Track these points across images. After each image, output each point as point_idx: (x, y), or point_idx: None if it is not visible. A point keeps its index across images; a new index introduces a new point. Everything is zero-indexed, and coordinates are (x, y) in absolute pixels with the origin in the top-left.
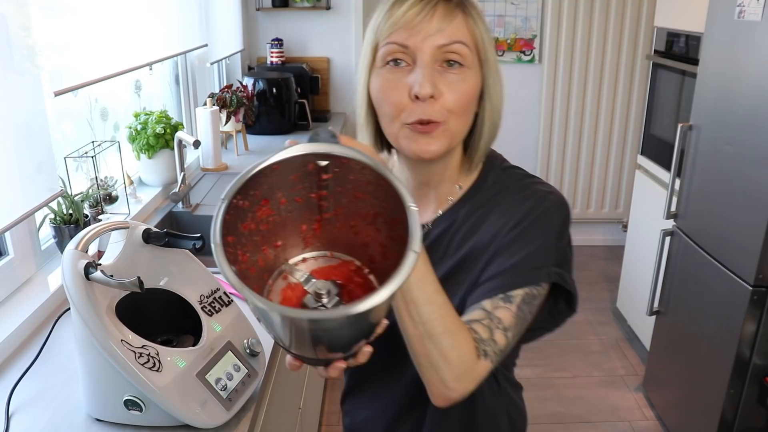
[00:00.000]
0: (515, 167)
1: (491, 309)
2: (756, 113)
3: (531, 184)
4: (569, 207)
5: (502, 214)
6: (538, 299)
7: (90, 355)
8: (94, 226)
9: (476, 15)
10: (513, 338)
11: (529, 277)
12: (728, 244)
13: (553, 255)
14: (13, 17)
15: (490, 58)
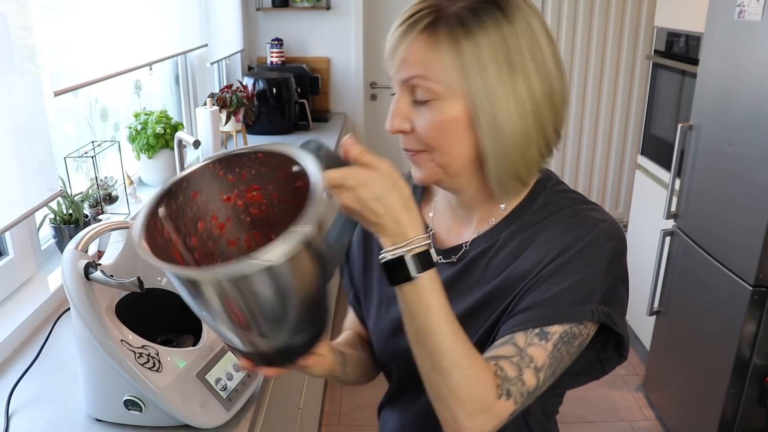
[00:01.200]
0: (570, 191)
1: (524, 345)
2: (756, 113)
3: (584, 210)
4: (624, 238)
5: (548, 239)
6: (580, 339)
7: (90, 355)
8: (94, 226)
9: (447, 40)
10: (546, 380)
11: (570, 313)
12: (728, 244)
13: (598, 290)
14: (14, 17)
15: (473, 85)
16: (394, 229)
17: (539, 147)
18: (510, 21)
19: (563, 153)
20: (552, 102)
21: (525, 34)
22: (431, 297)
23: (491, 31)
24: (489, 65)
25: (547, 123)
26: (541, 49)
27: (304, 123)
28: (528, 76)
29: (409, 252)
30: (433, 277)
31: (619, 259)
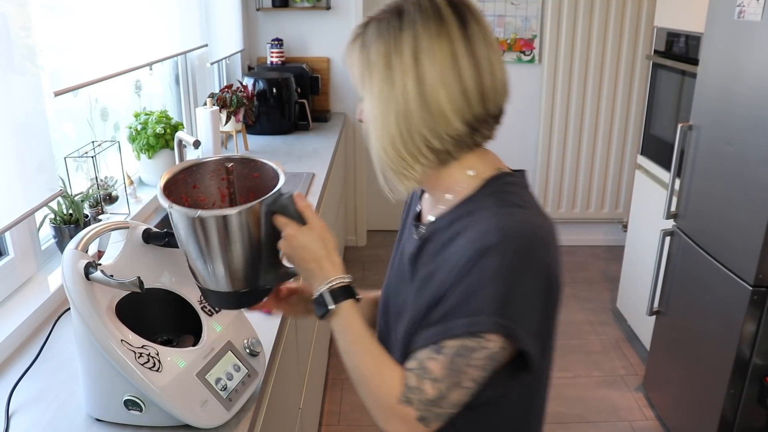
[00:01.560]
0: (513, 191)
1: (424, 358)
2: (756, 113)
3: (499, 215)
4: (539, 247)
5: (461, 245)
6: (483, 351)
7: (90, 355)
8: (94, 226)
9: (357, 48)
10: (450, 390)
11: (460, 326)
12: (728, 244)
13: (492, 302)
14: (14, 17)
15: (365, 88)
16: (317, 272)
17: (413, 148)
18: (399, 30)
19: (563, 153)
20: (428, 106)
21: (408, 45)
22: (347, 323)
23: (379, 43)
24: (372, 73)
25: (421, 126)
26: (426, 55)
27: (304, 123)
28: (402, 82)
29: (328, 289)
30: (349, 306)
31: (524, 270)
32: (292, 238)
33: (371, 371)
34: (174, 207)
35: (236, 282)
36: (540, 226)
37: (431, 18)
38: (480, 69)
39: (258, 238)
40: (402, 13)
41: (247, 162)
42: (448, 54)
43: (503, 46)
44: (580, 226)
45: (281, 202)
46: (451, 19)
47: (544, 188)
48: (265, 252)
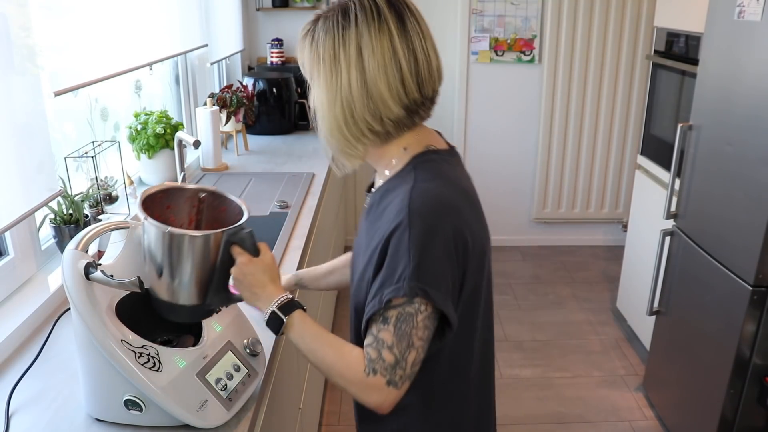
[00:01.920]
0: (432, 163)
1: (376, 333)
2: (756, 113)
3: (411, 190)
4: (434, 218)
5: (388, 216)
6: (421, 315)
7: (90, 355)
8: (94, 226)
9: (307, 43)
10: (405, 352)
11: (388, 294)
12: (728, 244)
13: (408, 269)
14: (14, 17)
15: (313, 79)
16: (263, 295)
17: (356, 130)
18: (344, 27)
19: (563, 153)
20: (370, 93)
21: (353, 41)
22: (301, 328)
23: (327, 39)
24: (320, 64)
25: (364, 111)
26: (368, 49)
27: (304, 123)
28: (347, 73)
29: (277, 306)
30: (299, 314)
31: (430, 239)
32: (245, 265)
33: (333, 359)
34: (149, 219)
35: (188, 296)
36: (444, 196)
37: (372, 16)
38: (417, 59)
39: (214, 262)
40: (347, 12)
41: (218, 196)
42: (388, 48)
43: (503, 46)
44: (580, 226)
45: (241, 235)
46: (390, 17)
47: (544, 188)
48: (217, 276)
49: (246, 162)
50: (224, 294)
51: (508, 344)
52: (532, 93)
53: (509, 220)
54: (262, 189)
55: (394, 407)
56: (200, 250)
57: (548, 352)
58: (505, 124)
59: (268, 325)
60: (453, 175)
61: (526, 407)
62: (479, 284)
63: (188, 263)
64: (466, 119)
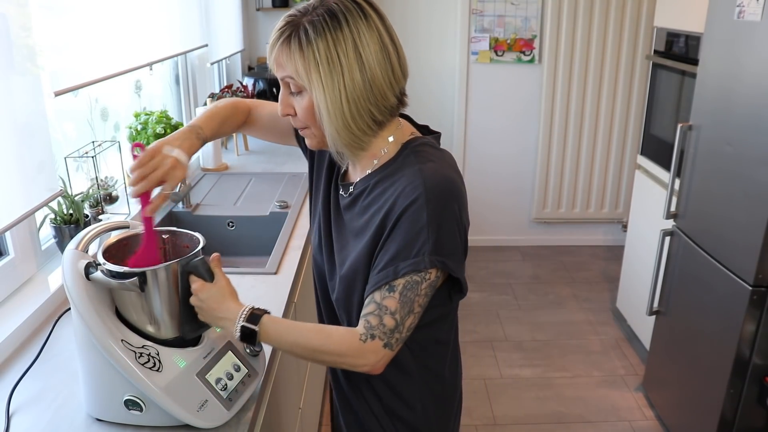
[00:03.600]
0: (426, 148)
1: (380, 300)
2: (756, 113)
3: (419, 170)
4: (452, 193)
5: (393, 193)
6: (426, 282)
7: (90, 355)
8: (94, 226)
9: (296, 48)
10: (405, 317)
11: (405, 267)
12: (728, 244)
13: (428, 244)
14: (14, 17)
15: (313, 82)
16: (226, 314)
17: (362, 123)
18: (336, 28)
19: (563, 153)
20: (372, 86)
21: (348, 39)
22: (275, 331)
23: (321, 41)
24: (318, 67)
25: (368, 104)
26: (364, 45)
27: None
28: (348, 71)
29: (244, 318)
30: (268, 319)
31: (445, 215)
32: (200, 291)
33: (320, 342)
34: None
35: (168, 330)
36: (451, 178)
37: (360, 16)
38: (398, 50)
39: (177, 294)
40: (334, 13)
41: (176, 234)
42: (378, 42)
43: (503, 46)
44: (580, 226)
45: (193, 263)
46: (373, 15)
47: (544, 188)
48: (183, 306)
49: (246, 162)
50: (195, 323)
51: (508, 344)
52: (532, 93)
53: (509, 220)
54: (262, 189)
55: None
56: (163, 284)
57: (548, 352)
58: (505, 124)
59: (243, 339)
60: (448, 158)
61: (526, 407)
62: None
63: (158, 299)
64: (466, 119)
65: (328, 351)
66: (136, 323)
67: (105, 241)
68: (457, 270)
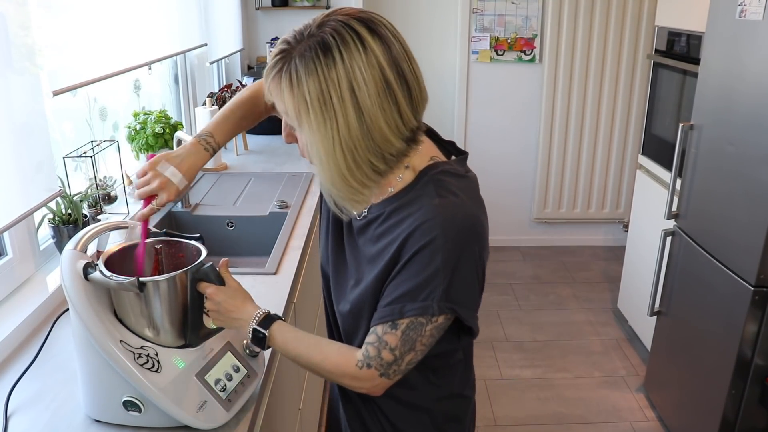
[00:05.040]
0: (448, 177)
1: (381, 334)
2: (757, 112)
3: (439, 206)
4: (471, 234)
5: (409, 227)
6: (432, 325)
7: (89, 356)
8: (93, 226)
9: (286, 86)
10: (405, 353)
11: (412, 309)
12: (730, 244)
13: (439, 289)
14: (13, 16)
15: (303, 126)
16: (241, 316)
17: (361, 175)
18: (330, 66)
19: (564, 153)
20: (371, 133)
21: (343, 79)
22: (284, 338)
23: (311, 80)
24: (309, 109)
25: (367, 153)
26: (361, 86)
27: None
28: (343, 116)
29: (255, 322)
30: (278, 326)
31: (461, 260)
32: (215, 294)
33: (321, 358)
34: (113, 276)
35: (171, 340)
36: (473, 217)
37: (356, 48)
38: (409, 85)
39: (184, 303)
40: (327, 47)
41: (172, 244)
42: (380, 80)
43: (503, 46)
44: (581, 226)
45: (203, 270)
46: (375, 46)
47: (545, 188)
48: (191, 314)
49: (245, 162)
50: (199, 330)
51: (509, 345)
52: (533, 92)
53: (510, 219)
54: (261, 189)
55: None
56: (169, 294)
57: (549, 352)
58: (505, 123)
59: (253, 342)
60: (471, 188)
61: (526, 408)
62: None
63: (159, 308)
64: (467, 119)
65: (326, 370)
66: (134, 327)
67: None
68: (468, 317)
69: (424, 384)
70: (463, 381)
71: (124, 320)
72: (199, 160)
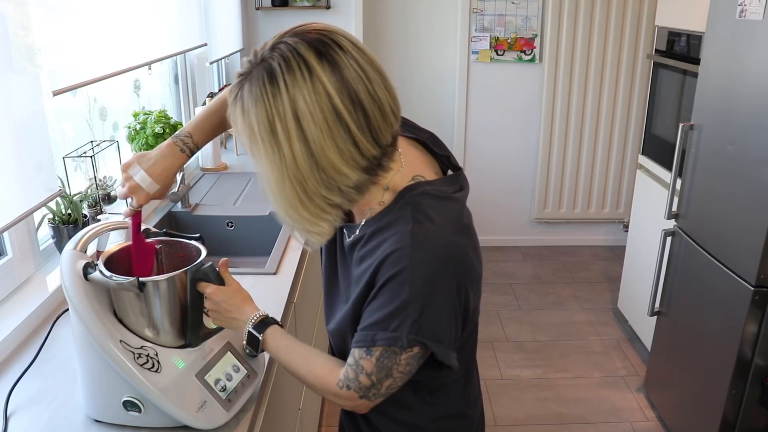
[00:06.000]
0: (427, 198)
1: (357, 358)
2: (757, 112)
3: (411, 234)
4: (439, 272)
5: (382, 253)
6: (406, 355)
7: (89, 356)
8: (93, 226)
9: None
10: (383, 379)
11: (383, 339)
12: (730, 244)
13: (408, 322)
14: (13, 16)
15: (254, 155)
16: (239, 316)
17: (315, 208)
18: (275, 94)
19: (564, 153)
20: (319, 165)
21: (287, 109)
22: (274, 345)
23: (259, 109)
24: (258, 139)
25: (318, 186)
26: (304, 115)
27: None
28: (289, 147)
29: (251, 325)
30: (272, 332)
31: (433, 292)
32: (215, 294)
33: (306, 371)
34: (114, 277)
35: (171, 340)
36: (449, 246)
37: (303, 75)
38: (365, 111)
39: (184, 303)
40: (273, 74)
41: (173, 244)
42: (329, 110)
43: (503, 46)
44: (581, 226)
45: (203, 270)
46: (322, 71)
47: (545, 188)
48: (191, 314)
49: (245, 161)
50: (199, 330)
51: (509, 345)
52: (533, 92)
53: (510, 219)
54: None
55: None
56: (169, 293)
57: (549, 352)
58: (505, 123)
59: (248, 344)
60: (453, 211)
61: (526, 408)
62: (476, 309)
63: (159, 308)
64: (467, 119)
65: (310, 383)
66: (134, 327)
67: (106, 251)
68: (440, 352)
69: (420, 404)
70: (464, 400)
71: (124, 320)
72: (174, 162)
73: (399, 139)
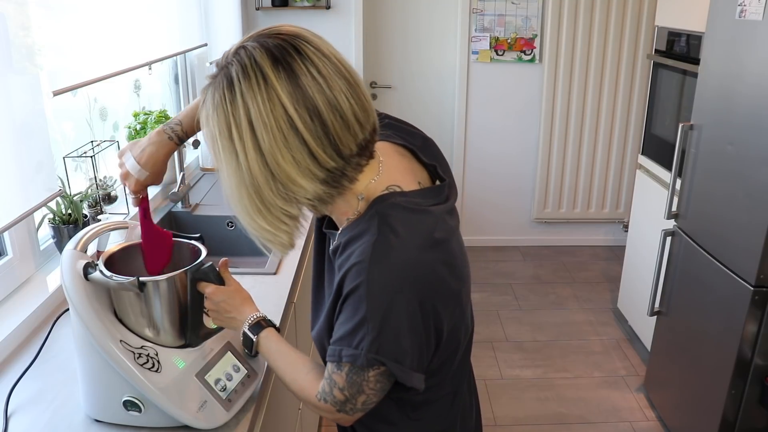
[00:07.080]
0: (397, 210)
1: (330, 372)
2: (757, 113)
3: (372, 249)
4: (397, 290)
5: (348, 265)
6: (373, 372)
7: (89, 356)
8: (93, 226)
9: (203, 119)
10: (355, 395)
11: (348, 356)
12: (729, 245)
13: (366, 341)
14: (13, 16)
15: (216, 161)
16: (237, 316)
17: (273, 219)
18: (233, 101)
19: (564, 153)
20: (275, 176)
21: (242, 117)
22: (269, 348)
23: (219, 116)
24: (217, 144)
25: (274, 197)
26: (258, 126)
27: None
28: (244, 156)
29: (248, 326)
30: (266, 335)
31: (389, 308)
32: (214, 294)
33: (291, 379)
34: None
35: (171, 339)
36: (411, 262)
37: (257, 82)
38: (323, 121)
39: (184, 302)
40: (231, 81)
41: (174, 243)
42: (282, 117)
43: (503, 46)
44: (581, 226)
45: (203, 270)
46: (276, 79)
47: (545, 188)
48: (191, 314)
49: None
50: (199, 330)
51: (509, 345)
52: (533, 92)
53: (509, 219)
54: None
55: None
56: (169, 293)
57: (549, 352)
58: (505, 123)
59: (244, 345)
60: (424, 225)
61: (526, 408)
62: (458, 326)
63: (159, 308)
64: (467, 119)
65: (294, 391)
66: (134, 327)
67: (106, 251)
68: (400, 373)
69: (404, 419)
70: (451, 417)
71: (124, 320)
72: (161, 149)
73: (383, 145)
